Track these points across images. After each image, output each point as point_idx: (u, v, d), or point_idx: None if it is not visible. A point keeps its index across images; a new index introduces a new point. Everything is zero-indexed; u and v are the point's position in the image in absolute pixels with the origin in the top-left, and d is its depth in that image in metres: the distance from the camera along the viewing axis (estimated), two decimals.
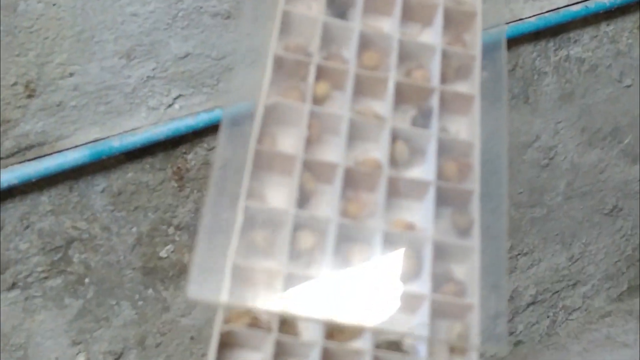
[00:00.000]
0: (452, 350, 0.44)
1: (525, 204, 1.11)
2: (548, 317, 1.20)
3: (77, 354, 0.88)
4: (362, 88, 0.52)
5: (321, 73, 0.51)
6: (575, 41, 1.05)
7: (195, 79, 0.86)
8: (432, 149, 0.49)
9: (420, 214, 0.49)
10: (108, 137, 0.83)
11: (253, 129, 0.48)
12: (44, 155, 0.80)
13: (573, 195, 1.15)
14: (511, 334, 1.18)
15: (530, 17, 1.00)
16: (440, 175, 0.48)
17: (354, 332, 0.43)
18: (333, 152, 0.50)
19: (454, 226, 0.48)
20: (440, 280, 0.45)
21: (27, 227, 0.82)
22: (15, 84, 0.79)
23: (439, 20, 0.53)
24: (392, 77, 0.51)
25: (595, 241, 1.21)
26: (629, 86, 1.11)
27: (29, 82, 0.79)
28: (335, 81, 0.51)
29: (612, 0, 1.04)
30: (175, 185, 0.88)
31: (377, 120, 0.50)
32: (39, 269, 0.84)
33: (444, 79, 0.53)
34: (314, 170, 0.48)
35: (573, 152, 1.11)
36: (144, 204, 0.86)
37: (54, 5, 0.78)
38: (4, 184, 0.78)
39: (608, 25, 1.07)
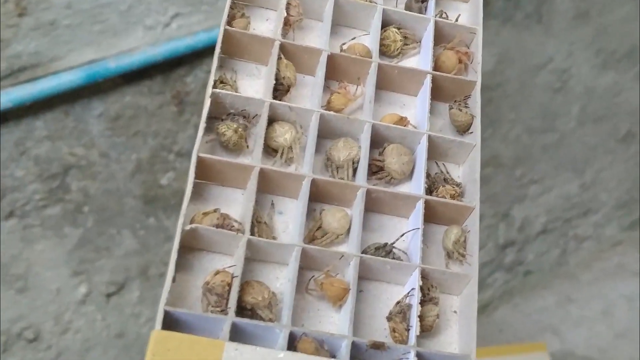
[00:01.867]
0: (450, 255, 0.40)
1: (537, 129, 1.06)
2: (558, 246, 1.16)
3: (79, 284, 0.84)
4: None
5: None
6: None
7: None
8: (428, 36, 0.44)
9: (414, 109, 0.44)
10: (104, 58, 0.77)
11: (224, 10, 0.42)
12: (38, 78, 0.75)
13: (586, 120, 1.10)
14: (521, 263, 1.14)
15: None
16: (438, 66, 0.43)
17: (338, 236, 0.39)
18: (316, 38, 0.44)
19: (453, 123, 0.43)
20: (436, 181, 0.41)
21: (23, 153, 0.77)
22: (5, 1, 0.73)
23: None
24: None
25: (608, 168, 1.16)
26: None
27: (19, 0, 0.73)
28: None
29: None
30: (175, 109, 0.82)
31: (367, 2, 0.44)
32: (37, 196, 0.79)
33: None
34: (293, 57, 0.42)
35: (587, 75, 1.05)
36: (143, 129, 0.80)
37: None
38: None
39: None
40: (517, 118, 1.03)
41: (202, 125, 0.38)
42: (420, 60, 0.45)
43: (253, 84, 0.42)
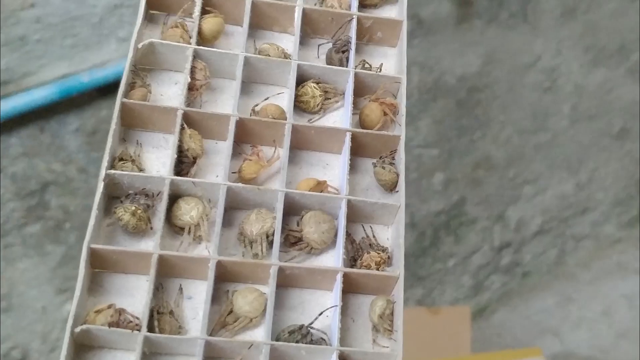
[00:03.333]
0: (377, 329, 0.36)
1: (529, 129, 1.02)
2: (556, 246, 1.11)
3: (64, 301, 0.81)
4: (263, 20, 0.42)
5: (211, 5, 0.41)
6: None
7: None
8: (349, 90, 0.40)
9: (338, 168, 0.40)
10: (77, 72, 0.75)
11: (123, 78, 0.38)
12: (10, 94, 0.73)
13: (578, 118, 1.05)
14: (518, 265, 1.11)
15: None
16: (362, 119, 0.40)
17: (249, 322, 0.35)
18: (229, 99, 0.40)
19: (378, 182, 0.39)
20: (361, 248, 0.37)
21: None
22: None
23: None
24: (300, 4, 0.41)
25: (603, 166, 1.12)
26: None
27: None
28: (229, 14, 0.41)
29: None
30: None
31: (280, 59, 0.40)
32: (16, 215, 0.76)
33: (365, 4, 0.43)
34: (200, 125, 0.38)
35: (577, 73, 1.01)
36: None
37: None
38: None
39: None
40: (508, 119, 1.00)
41: (94, 213, 0.34)
42: (342, 115, 0.42)
43: (160, 156, 0.38)
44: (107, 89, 0.76)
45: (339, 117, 0.41)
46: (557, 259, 1.11)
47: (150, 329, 0.33)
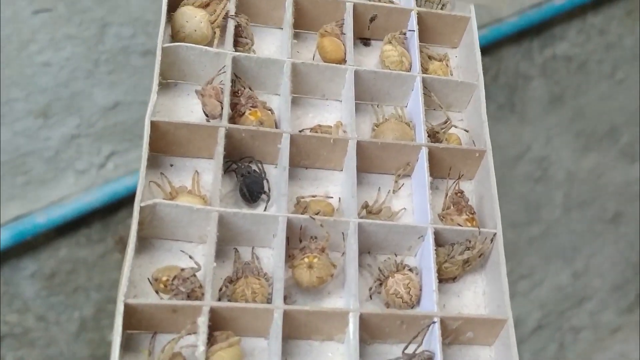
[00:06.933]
0: None
1: (522, 222, 0.88)
2: (555, 340, 0.97)
3: None
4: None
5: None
6: (561, 38, 0.81)
7: (129, 132, 0.63)
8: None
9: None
10: (31, 212, 0.59)
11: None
12: None
13: (571, 206, 0.92)
14: None
15: (510, 15, 0.76)
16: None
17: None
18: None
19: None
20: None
21: None
22: None
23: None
24: None
25: (599, 252, 0.98)
26: (622, 80, 0.86)
27: None
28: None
29: None
30: (120, 256, 0.65)
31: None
32: None
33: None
34: None
35: (568, 160, 0.87)
36: (84, 283, 0.63)
37: None
38: None
39: (595, 16, 0.83)
40: (500, 213, 0.87)
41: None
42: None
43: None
44: (66, 227, 0.60)
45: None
46: (557, 353, 0.97)
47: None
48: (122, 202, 0.63)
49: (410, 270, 0.31)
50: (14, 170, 0.59)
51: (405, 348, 0.29)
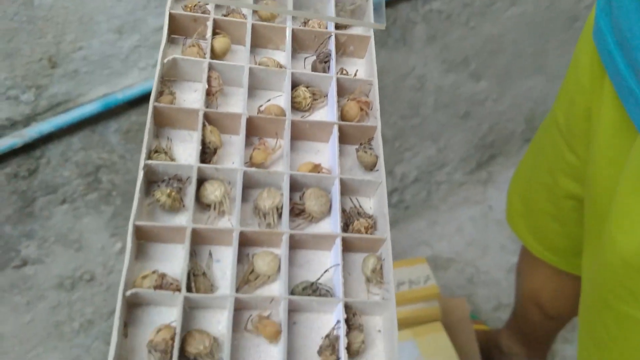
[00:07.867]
0: (369, 280, 0.36)
1: (407, 115, 1.12)
2: (425, 189, 1.25)
3: (115, 242, 0.92)
4: (260, 40, 0.42)
5: (219, 28, 0.41)
6: None
7: None
8: (332, 91, 0.41)
9: (327, 153, 0.40)
10: (113, 92, 0.83)
11: (153, 87, 0.38)
12: (70, 109, 0.83)
13: (438, 107, 1.16)
14: (402, 202, 1.22)
15: None
16: (343, 115, 0.41)
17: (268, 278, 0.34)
18: (238, 102, 0.40)
19: (360, 164, 0.40)
20: (351, 215, 0.37)
21: (67, 160, 0.84)
22: (41, 59, 0.80)
23: None
24: (289, 26, 0.42)
25: (454, 136, 1.23)
26: (473, 27, 1.14)
27: (51, 57, 0.80)
28: (234, 35, 0.42)
29: None
30: None
31: (278, 69, 0.41)
32: (80, 188, 0.87)
33: (339, 25, 0.44)
34: (217, 122, 0.38)
35: (437, 77, 1.13)
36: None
37: None
38: (45, 132, 0.82)
39: None
40: (394, 110, 1.10)
41: (137, 195, 0.34)
42: (327, 111, 0.42)
43: (187, 148, 0.38)
44: (135, 102, 0.86)
45: (325, 114, 0.41)
46: (426, 197, 1.26)
47: (188, 289, 0.32)
48: None
49: None
50: (102, 66, 0.84)
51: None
